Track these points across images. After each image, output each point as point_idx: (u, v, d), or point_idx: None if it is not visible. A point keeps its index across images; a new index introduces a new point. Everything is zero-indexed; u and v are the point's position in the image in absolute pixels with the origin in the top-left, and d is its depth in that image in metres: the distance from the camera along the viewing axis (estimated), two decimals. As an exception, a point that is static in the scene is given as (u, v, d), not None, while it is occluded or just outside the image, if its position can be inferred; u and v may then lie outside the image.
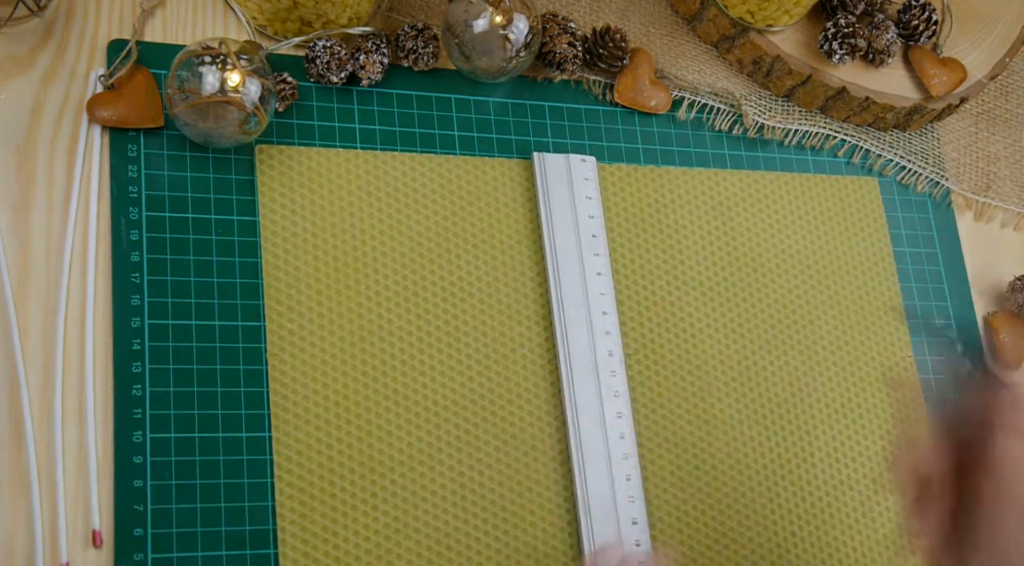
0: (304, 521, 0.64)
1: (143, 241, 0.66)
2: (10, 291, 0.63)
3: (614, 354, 0.71)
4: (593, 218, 0.74)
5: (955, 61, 0.83)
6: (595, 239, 0.74)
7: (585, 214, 0.74)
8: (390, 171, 0.72)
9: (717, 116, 0.81)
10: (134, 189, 0.67)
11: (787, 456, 0.74)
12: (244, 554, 0.62)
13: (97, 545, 0.60)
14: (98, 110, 0.67)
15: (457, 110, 0.75)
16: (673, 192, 0.78)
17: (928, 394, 0.79)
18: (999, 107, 0.89)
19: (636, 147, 0.79)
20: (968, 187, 0.86)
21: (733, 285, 0.77)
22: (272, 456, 0.64)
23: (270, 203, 0.69)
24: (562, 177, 0.74)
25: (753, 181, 0.80)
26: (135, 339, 0.64)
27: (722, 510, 0.71)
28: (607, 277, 0.73)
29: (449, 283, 0.71)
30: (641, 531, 0.68)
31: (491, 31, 0.72)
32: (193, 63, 0.65)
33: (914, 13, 0.83)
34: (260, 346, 0.66)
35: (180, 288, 0.66)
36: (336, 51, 0.72)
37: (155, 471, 0.62)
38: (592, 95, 0.79)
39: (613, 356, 0.71)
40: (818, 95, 0.81)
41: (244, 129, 0.66)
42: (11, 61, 0.68)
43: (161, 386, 0.63)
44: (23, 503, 0.60)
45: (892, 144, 0.85)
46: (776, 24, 0.80)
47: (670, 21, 0.82)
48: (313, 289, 0.68)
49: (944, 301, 0.82)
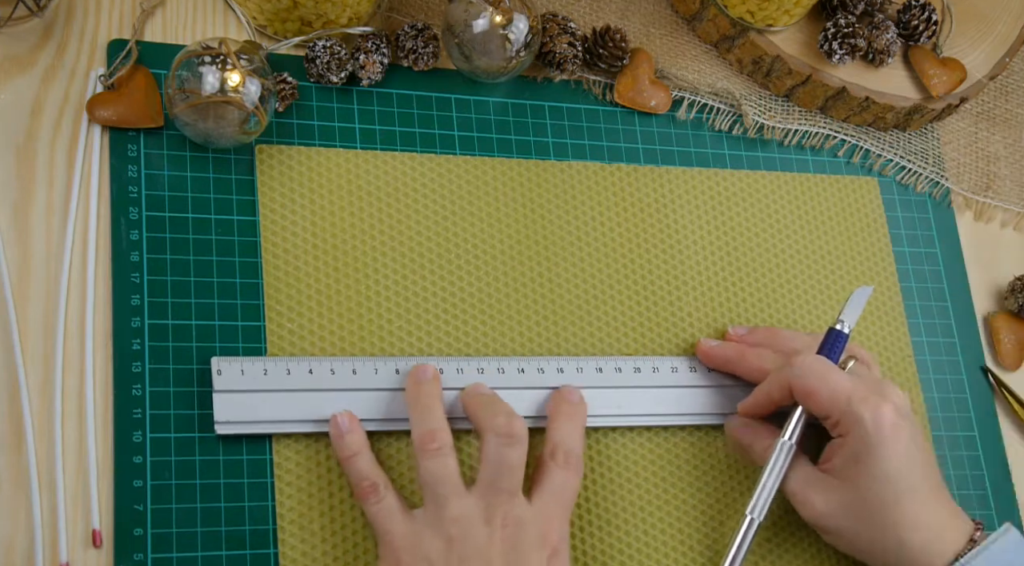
0: (304, 521, 0.64)
1: (143, 241, 0.66)
2: (10, 291, 0.63)
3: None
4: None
5: (955, 61, 0.83)
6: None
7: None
8: (390, 171, 0.72)
9: (717, 116, 0.81)
10: (134, 189, 0.67)
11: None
12: (244, 554, 0.62)
13: (97, 545, 0.60)
14: (98, 110, 0.67)
15: (457, 110, 0.75)
16: (673, 192, 0.78)
17: (929, 395, 0.79)
18: (999, 107, 0.89)
19: (636, 147, 0.79)
20: (968, 187, 0.86)
21: (733, 285, 0.77)
22: (272, 456, 0.64)
23: (270, 203, 0.69)
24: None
25: (753, 181, 0.80)
26: (135, 339, 0.64)
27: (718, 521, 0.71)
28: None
29: (449, 283, 0.71)
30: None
31: (491, 31, 0.72)
32: (193, 63, 0.65)
33: (914, 13, 0.83)
34: (260, 346, 0.66)
35: (180, 288, 0.66)
36: (336, 51, 0.72)
37: (155, 471, 0.62)
38: (592, 95, 0.79)
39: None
40: (818, 95, 0.81)
41: (244, 129, 0.66)
42: (11, 61, 0.68)
43: (161, 386, 0.63)
44: (23, 503, 0.60)
45: (892, 144, 0.85)
46: (776, 24, 0.80)
47: (670, 21, 0.82)
48: (313, 289, 0.68)
49: (944, 301, 0.82)
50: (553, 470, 0.64)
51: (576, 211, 0.75)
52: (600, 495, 0.69)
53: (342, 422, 0.64)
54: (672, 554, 0.69)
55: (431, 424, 0.63)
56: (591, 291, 0.73)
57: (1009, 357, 0.82)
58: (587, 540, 0.68)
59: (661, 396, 0.71)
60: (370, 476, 0.63)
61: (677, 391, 0.72)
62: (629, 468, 0.70)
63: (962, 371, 0.80)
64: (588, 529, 0.68)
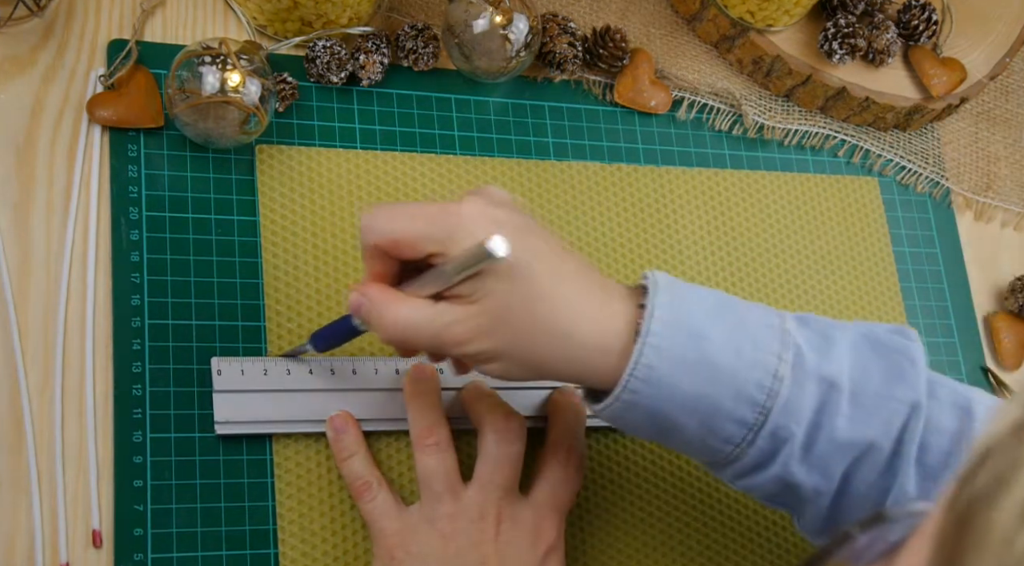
0: (304, 521, 0.64)
1: (143, 241, 0.66)
2: (10, 291, 0.63)
3: None
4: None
5: (955, 61, 0.83)
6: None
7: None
8: (390, 171, 0.72)
9: (717, 116, 0.81)
10: (134, 189, 0.67)
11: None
12: (244, 554, 0.62)
13: (97, 545, 0.60)
14: (98, 110, 0.67)
15: (457, 110, 0.75)
16: (673, 192, 0.78)
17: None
18: (999, 107, 0.89)
19: (636, 147, 0.79)
20: (968, 187, 0.86)
21: (733, 285, 0.77)
22: (272, 456, 0.64)
23: (270, 203, 0.69)
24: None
25: (753, 181, 0.80)
26: (135, 339, 0.64)
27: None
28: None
29: (449, 283, 0.71)
30: None
31: (491, 31, 0.72)
32: (193, 63, 0.65)
33: (914, 13, 0.83)
34: (260, 346, 0.66)
35: (180, 288, 0.66)
36: (336, 51, 0.72)
37: (155, 471, 0.62)
38: (592, 95, 0.79)
39: None
40: (818, 95, 0.81)
41: (244, 129, 0.66)
42: (11, 61, 0.68)
43: (161, 386, 0.63)
44: (23, 503, 0.60)
45: (892, 144, 0.85)
46: (776, 24, 0.80)
47: (670, 21, 0.82)
48: (313, 289, 0.68)
49: (944, 301, 0.82)
50: (553, 466, 0.64)
51: (576, 211, 0.75)
52: (600, 495, 0.69)
53: (338, 423, 0.64)
54: (672, 554, 0.69)
55: (429, 420, 0.63)
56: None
57: (1009, 357, 0.82)
58: (587, 540, 0.68)
59: None
60: (364, 475, 0.63)
61: None
62: (629, 468, 0.70)
63: (962, 371, 0.80)
64: (588, 529, 0.68)
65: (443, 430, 0.63)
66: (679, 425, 0.55)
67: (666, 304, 0.55)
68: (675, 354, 0.54)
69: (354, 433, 0.64)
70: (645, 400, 0.54)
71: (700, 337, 0.54)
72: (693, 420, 0.55)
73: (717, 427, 0.55)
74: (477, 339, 0.55)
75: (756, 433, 0.55)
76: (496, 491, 0.62)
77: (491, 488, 0.62)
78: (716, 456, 0.57)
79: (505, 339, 0.54)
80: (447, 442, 0.63)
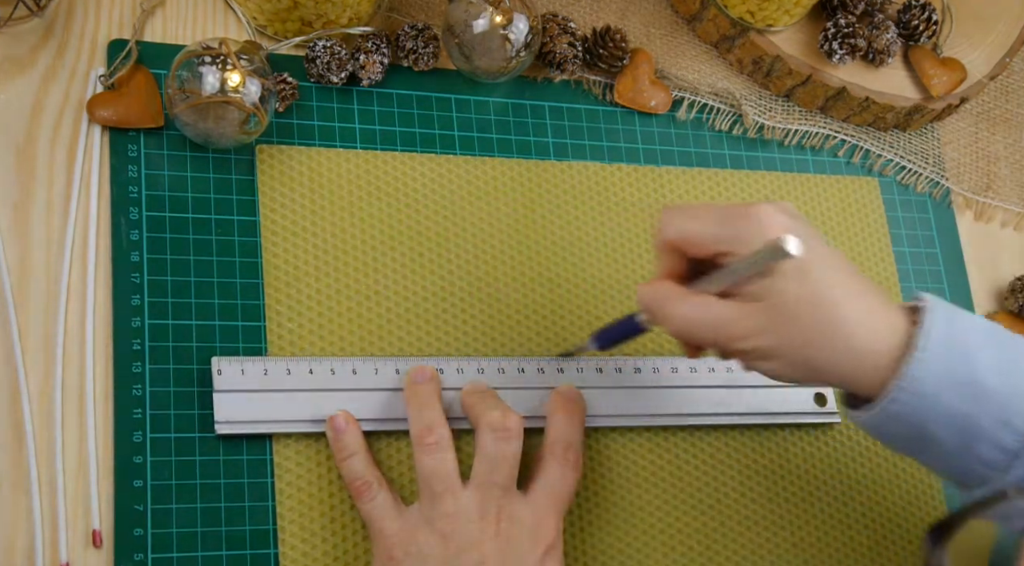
0: (304, 521, 0.64)
1: (143, 241, 0.66)
2: (10, 291, 0.63)
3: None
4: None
5: (955, 61, 0.83)
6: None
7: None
8: (390, 171, 0.72)
9: (717, 116, 0.81)
10: (134, 189, 0.67)
11: (787, 455, 0.74)
12: (244, 554, 0.62)
13: (97, 545, 0.60)
14: (98, 110, 0.67)
15: (457, 110, 0.75)
16: (673, 192, 0.78)
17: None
18: (999, 107, 0.89)
19: (636, 147, 0.79)
20: (968, 187, 0.86)
21: (733, 285, 0.77)
22: (272, 456, 0.64)
23: (270, 203, 0.69)
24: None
25: (753, 181, 0.80)
26: (135, 339, 0.64)
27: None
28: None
29: (449, 283, 0.71)
30: None
31: (491, 31, 0.72)
32: (193, 63, 0.65)
33: (914, 13, 0.83)
34: (260, 346, 0.66)
35: (180, 288, 0.66)
36: (336, 51, 0.72)
37: (155, 471, 0.62)
38: (592, 95, 0.79)
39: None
40: (818, 95, 0.81)
41: (244, 129, 0.66)
42: (11, 61, 0.68)
43: (161, 386, 0.63)
44: (23, 503, 0.60)
45: (892, 144, 0.85)
46: (776, 24, 0.80)
47: (670, 21, 0.82)
48: (313, 289, 0.68)
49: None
50: (551, 465, 0.64)
51: (576, 211, 0.75)
52: (600, 495, 0.69)
53: (338, 423, 0.64)
54: (672, 554, 0.69)
55: (428, 419, 0.63)
56: (591, 291, 0.73)
57: (1009, 357, 0.82)
58: (587, 540, 0.68)
59: (661, 396, 0.71)
60: (363, 475, 0.63)
61: (677, 391, 0.72)
62: (629, 468, 0.70)
63: (962, 371, 0.80)
64: (588, 529, 0.68)
65: (443, 430, 0.63)
66: (938, 439, 0.57)
67: (941, 321, 0.57)
68: (945, 370, 0.56)
69: (354, 433, 0.64)
70: (908, 411, 0.56)
71: (971, 357, 0.56)
72: (953, 437, 0.57)
73: (976, 447, 0.57)
74: (756, 336, 0.57)
75: (1015, 459, 0.57)
76: (495, 490, 0.62)
77: (489, 487, 0.62)
78: (969, 478, 0.58)
79: (783, 338, 0.57)
80: (447, 441, 0.63)
